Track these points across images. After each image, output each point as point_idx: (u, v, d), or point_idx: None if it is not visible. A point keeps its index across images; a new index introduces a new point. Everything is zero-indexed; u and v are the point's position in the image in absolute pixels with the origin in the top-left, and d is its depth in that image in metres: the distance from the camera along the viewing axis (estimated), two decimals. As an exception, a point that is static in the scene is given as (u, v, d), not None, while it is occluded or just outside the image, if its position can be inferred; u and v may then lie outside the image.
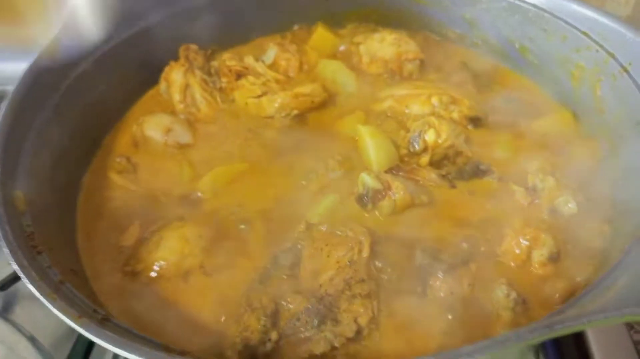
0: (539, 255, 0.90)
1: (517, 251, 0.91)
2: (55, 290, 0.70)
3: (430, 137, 1.08)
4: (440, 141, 1.08)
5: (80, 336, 1.15)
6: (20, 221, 0.80)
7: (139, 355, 0.59)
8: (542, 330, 0.55)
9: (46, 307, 1.27)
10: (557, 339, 1.12)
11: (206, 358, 0.73)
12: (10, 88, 0.95)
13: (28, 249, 0.76)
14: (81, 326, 0.63)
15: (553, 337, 0.56)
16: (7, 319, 1.02)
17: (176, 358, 0.60)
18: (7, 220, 0.77)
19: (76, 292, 0.73)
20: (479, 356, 0.55)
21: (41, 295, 0.67)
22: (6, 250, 0.72)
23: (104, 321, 0.70)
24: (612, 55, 1.07)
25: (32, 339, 1.03)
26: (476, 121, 1.17)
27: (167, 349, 0.70)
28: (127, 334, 0.70)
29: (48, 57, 1.01)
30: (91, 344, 1.14)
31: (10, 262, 0.71)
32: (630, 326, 1.15)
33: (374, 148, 1.08)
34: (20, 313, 1.29)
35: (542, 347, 1.12)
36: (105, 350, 1.15)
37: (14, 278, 1.21)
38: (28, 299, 1.33)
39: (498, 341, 0.56)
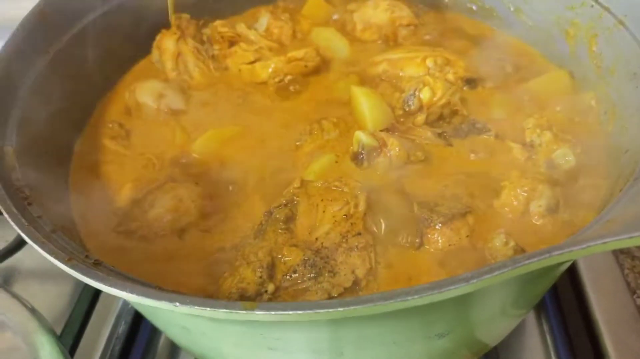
0: (537, 206, 0.89)
1: (515, 203, 0.90)
2: (46, 236, 0.68)
3: (425, 95, 1.07)
4: (435, 99, 1.07)
5: (75, 309, 1.15)
6: (9, 174, 0.79)
7: (131, 291, 0.58)
8: (540, 256, 0.54)
9: (43, 282, 1.29)
10: (559, 302, 1.12)
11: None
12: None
13: (18, 199, 0.75)
14: (71, 267, 0.62)
15: (551, 264, 0.55)
16: (7, 290, 1.01)
17: (170, 294, 0.58)
18: (-4, 171, 0.75)
19: (68, 241, 0.72)
20: (476, 281, 0.54)
21: (30, 239, 0.66)
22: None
23: (96, 265, 0.68)
24: (607, 9, 1.06)
25: (33, 311, 1.01)
26: (471, 82, 1.16)
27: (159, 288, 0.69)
28: (120, 276, 0.69)
29: (38, 17, 1.00)
30: (87, 317, 1.14)
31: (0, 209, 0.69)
32: (633, 290, 1.15)
33: (368, 107, 1.07)
34: (18, 290, 1.28)
35: (543, 308, 1.12)
36: (103, 321, 1.15)
37: (8, 252, 1.21)
38: (25, 276, 1.33)
39: (494, 268, 0.55)
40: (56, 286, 1.29)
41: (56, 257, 0.63)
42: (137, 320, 1.12)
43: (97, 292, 1.15)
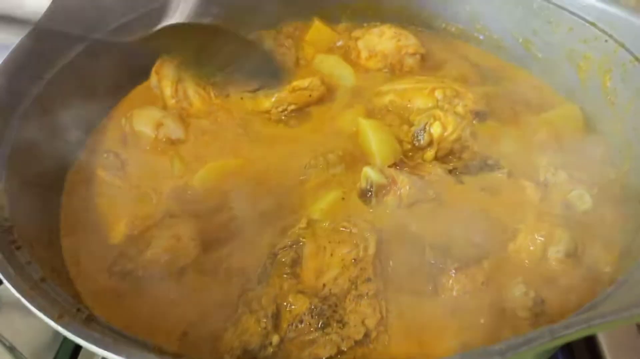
0: (555, 251, 0.85)
1: (532, 248, 0.86)
2: (35, 287, 0.63)
3: (436, 129, 1.03)
4: (446, 134, 1.03)
5: (62, 345, 1.08)
6: (-3, 214, 0.74)
7: (127, 356, 0.52)
8: (579, 325, 0.50)
9: (27, 315, 1.22)
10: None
11: (203, 360, 0.67)
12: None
13: (6, 243, 0.69)
14: (62, 326, 0.56)
15: (590, 334, 0.50)
16: (-16, 328, 0.95)
17: (170, 360, 0.53)
18: (-18, 213, 0.70)
19: (59, 290, 0.66)
20: (511, 355, 0.49)
21: (18, 291, 0.60)
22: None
23: (88, 321, 0.63)
24: (622, 45, 1.04)
25: (12, 349, 0.95)
26: (481, 115, 1.12)
27: (159, 350, 0.63)
28: (114, 334, 0.63)
29: (33, 41, 0.95)
30: (75, 354, 1.07)
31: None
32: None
33: (376, 142, 1.03)
34: (-1, 322, 1.22)
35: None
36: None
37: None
38: (7, 307, 1.25)
39: (531, 339, 0.50)
40: (39, 320, 1.22)
41: (45, 314, 0.58)
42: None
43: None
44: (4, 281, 0.62)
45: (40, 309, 0.58)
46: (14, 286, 0.61)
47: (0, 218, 0.74)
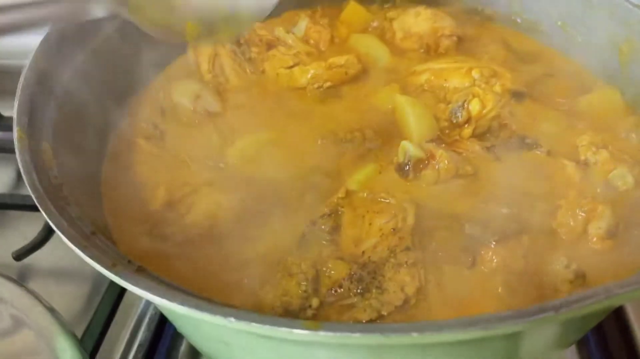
0: (597, 228, 0.84)
1: (572, 223, 0.85)
2: (87, 239, 0.64)
3: (474, 107, 1.02)
4: (484, 111, 1.02)
5: (97, 311, 1.10)
6: (47, 172, 0.75)
7: (181, 303, 0.53)
8: (635, 285, 0.49)
9: (60, 283, 1.25)
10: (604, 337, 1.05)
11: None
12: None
13: (57, 199, 0.71)
14: (117, 274, 0.58)
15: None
16: (25, 288, 0.97)
17: (225, 308, 0.54)
18: (34, 168, 0.72)
19: (109, 243, 0.68)
20: (565, 311, 0.49)
21: (71, 242, 0.61)
22: (33, 196, 0.67)
23: (139, 272, 0.64)
24: (668, 26, 1.02)
25: (52, 310, 0.97)
26: (519, 95, 1.11)
27: (209, 301, 0.64)
28: (165, 285, 0.64)
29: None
30: (110, 318, 1.09)
31: (40, 209, 0.65)
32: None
33: (414, 117, 1.03)
34: (34, 288, 1.25)
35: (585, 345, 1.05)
36: (124, 323, 1.11)
37: (30, 249, 1.17)
38: (42, 275, 1.29)
39: (585, 296, 0.50)
40: (72, 287, 1.25)
41: (99, 263, 0.59)
42: (160, 327, 1.08)
43: (120, 296, 1.10)
44: (59, 233, 0.63)
45: (94, 259, 0.59)
46: (67, 236, 0.62)
47: (51, 175, 0.75)
